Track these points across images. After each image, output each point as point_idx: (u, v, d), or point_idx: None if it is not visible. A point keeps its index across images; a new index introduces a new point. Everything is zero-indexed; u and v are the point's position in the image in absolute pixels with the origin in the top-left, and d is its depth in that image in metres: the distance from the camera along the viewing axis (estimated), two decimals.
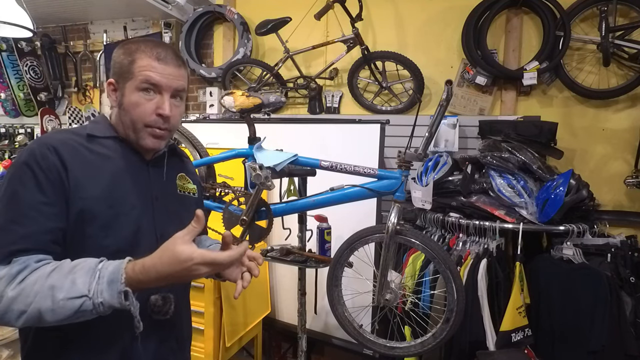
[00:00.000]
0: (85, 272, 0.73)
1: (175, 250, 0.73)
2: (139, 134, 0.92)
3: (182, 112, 0.99)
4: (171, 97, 0.92)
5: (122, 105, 0.92)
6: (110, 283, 0.71)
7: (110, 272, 0.72)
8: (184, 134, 1.75)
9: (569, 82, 2.39)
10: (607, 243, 1.77)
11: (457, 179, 2.03)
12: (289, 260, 1.78)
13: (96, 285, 0.71)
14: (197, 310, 2.01)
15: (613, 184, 2.36)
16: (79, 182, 0.83)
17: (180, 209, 1.02)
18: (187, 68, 0.97)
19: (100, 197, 0.85)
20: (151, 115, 0.90)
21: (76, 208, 0.81)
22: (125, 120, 0.92)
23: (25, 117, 3.71)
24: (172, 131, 0.97)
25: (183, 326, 1.04)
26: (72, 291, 0.71)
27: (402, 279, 1.84)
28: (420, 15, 2.72)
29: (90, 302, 0.71)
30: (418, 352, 1.46)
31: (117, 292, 0.71)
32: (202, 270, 0.75)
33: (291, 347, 2.82)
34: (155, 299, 0.91)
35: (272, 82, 2.96)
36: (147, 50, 0.90)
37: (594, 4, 2.30)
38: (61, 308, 0.70)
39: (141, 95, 0.89)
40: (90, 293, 0.71)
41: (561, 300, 1.69)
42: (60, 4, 3.21)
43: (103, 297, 0.71)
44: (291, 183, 1.94)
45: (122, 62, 0.91)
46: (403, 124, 2.49)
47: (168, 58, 0.92)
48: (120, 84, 0.92)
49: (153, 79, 0.89)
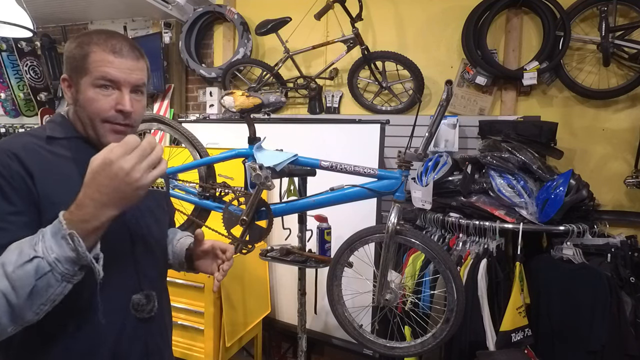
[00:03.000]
0: (30, 239, 0.69)
1: (92, 163, 0.68)
2: (98, 131, 0.86)
3: (144, 106, 0.93)
4: (131, 92, 0.86)
5: (78, 102, 0.86)
6: (54, 235, 0.67)
7: (51, 227, 0.68)
8: (184, 134, 1.74)
9: (569, 82, 2.39)
10: (607, 243, 1.77)
11: (457, 179, 2.03)
12: (289, 260, 1.78)
13: (42, 244, 0.67)
14: (197, 310, 2.01)
15: (613, 184, 2.36)
16: (47, 188, 0.78)
17: (151, 205, 0.99)
18: (146, 59, 0.91)
19: (69, 201, 0.78)
20: (109, 110, 0.85)
21: (49, 215, 0.75)
22: (83, 117, 0.87)
23: (25, 117, 3.71)
24: (134, 127, 0.91)
25: (166, 322, 1.03)
26: (21, 258, 0.66)
27: (402, 279, 1.84)
28: (420, 15, 2.72)
29: (45, 262, 0.66)
30: (418, 352, 1.46)
31: (62, 238, 0.66)
32: (127, 165, 0.66)
33: (291, 347, 2.82)
34: (139, 299, 0.90)
35: (272, 82, 2.96)
36: (101, 43, 0.84)
37: (594, 4, 2.30)
38: (17, 280, 0.65)
39: (98, 92, 0.84)
40: (39, 252, 0.66)
41: (561, 300, 1.69)
42: (60, 4, 3.21)
43: (54, 251, 0.66)
44: (291, 183, 1.94)
45: (74, 56, 0.85)
46: (403, 124, 2.50)
47: (124, 50, 0.85)
48: (74, 80, 0.86)
49: (110, 74, 0.83)
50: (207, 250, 1.03)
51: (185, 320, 2.05)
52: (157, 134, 3.21)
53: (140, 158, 0.68)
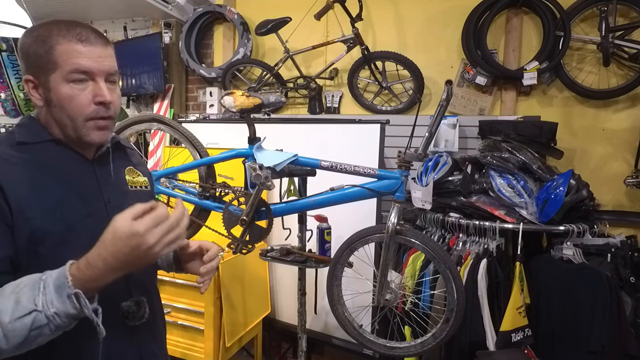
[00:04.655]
0: (29, 287, 0.65)
1: (115, 228, 0.64)
2: (80, 131, 0.81)
3: (120, 95, 0.88)
4: (105, 81, 0.81)
5: (51, 103, 0.79)
6: (57, 289, 0.64)
7: (55, 279, 0.65)
8: (184, 134, 1.74)
9: (569, 82, 2.38)
10: (607, 243, 1.77)
11: (457, 179, 2.03)
12: (289, 260, 1.78)
13: (43, 297, 0.63)
14: (197, 310, 2.01)
15: (613, 184, 2.36)
16: (20, 202, 0.73)
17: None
18: (112, 44, 0.85)
19: (48, 211, 0.75)
20: (89, 105, 0.79)
21: (24, 231, 0.72)
22: (61, 119, 0.80)
23: None
24: (114, 119, 0.86)
25: (159, 326, 1.00)
26: (18, 310, 0.63)
27: (402, 279, 1.84)
28: (420, 15, 2.72)
29: (43, 315, 0.63)
30: (418, 352, 1.46)
31: (67, 296, 0.63)
32: (152, 239, 0.64)
33: (291, 347, 2.82)
34: (128, 306, 0.85)
35: (272, 82, 2.96)
36: (64, 33, 0.77)
37: (594, 4, 2.30)
38: (12, 331, 0.63)
39: (72, 87, 0.78)
40: (38, 306, 0.63)
41: (561, 300, 1.69)
42: (60, 4, 3.21)
43: (55, 306, 0.63)
44: (291, 183, 1.94)
45: (36, 52, 0.77)
46: (403, 124, 2.49)
47: (92, 38, 0.79)
48: (41, 79, 0.79)
49: (83, 65, 0.77)
50: (196, 252, 0.99)
51: (185, 320, 2.05)
52: (157, 134, 3.21)
53: (166, 233, 0.67)
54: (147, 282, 0.95)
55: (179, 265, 1.04)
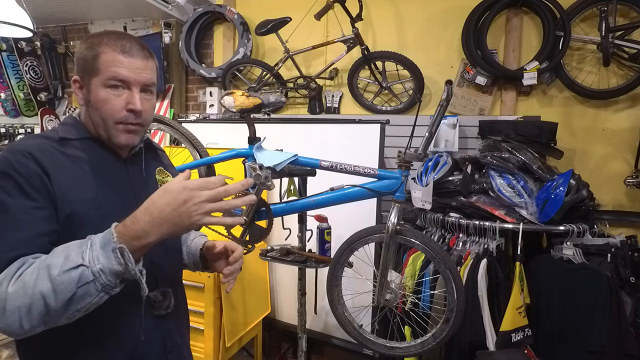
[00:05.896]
0: (78, 245, 0.71)
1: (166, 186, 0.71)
2: (110, 132, 0.88)
3: (154, 105, 0.95)
4: (141, 91, 0.88)
5: (89, 103, 0.88)
6: (103, 246, 0.68)
7: (101, 237, 0.70)
8: (184, 134, 1.74)
9: (569, 82, 2.39)
10: (607, 243, 1.77)
11: (457, 179, 2.03)
12: (289, 260, 1.78)
13: (90, 253, 0.68)
14: (197, 310, 2.01)
15: (613, 184, 2.36)
16: (63, 187, 0.80)
17: None
18: (155, 59, 0.94)
19: (87, 199, 0.82)
20: (121, 111, 0.87)
21: (65, 212, 0.79)
22: (95, 119, 0.88)
23: (25, 117, 3.71)
24: (145, 126, 0.93)
25: (183, 319, 1.05)
26: (67, 263, 0.68)
27: (402, 279, 1.84)
28: (420, 15, 2.72)
29: (89, 271, 0.67)
30: (418, 352, 1.46)
31: (112, 251, 0.68)
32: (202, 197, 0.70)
33: (291, 347, 2.82)
34: (155, 295, 0.91)
35: (272, 82, 2.96)
36: (111, 43, 0.86)
37: (594, 4, 2.30)
38: (60, 284, 0.66)
39: (109, 92, 0.86)
40: (85, 261, 0.67)
41: (561, 300, 1.69)
42: (60, 4, 3.21)
43: (100, 262, 0.67)
44: (291, 183, 1.94)
45: (85, 57, 0.87)
46: (403, 124, 2.50)
47: (134, 50, 0.87)
48: (85, 81, 0.88)
49: (120, 74, 0.85)
50: (221, 252, 1.05)
51: None
52: (157, 134, 3.21)
53: (212, 199, 0.71)
54: (173, 275, 1.00)
55: (205, 263, 1.10)
